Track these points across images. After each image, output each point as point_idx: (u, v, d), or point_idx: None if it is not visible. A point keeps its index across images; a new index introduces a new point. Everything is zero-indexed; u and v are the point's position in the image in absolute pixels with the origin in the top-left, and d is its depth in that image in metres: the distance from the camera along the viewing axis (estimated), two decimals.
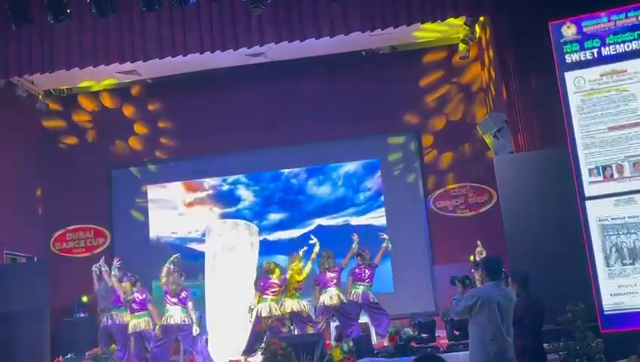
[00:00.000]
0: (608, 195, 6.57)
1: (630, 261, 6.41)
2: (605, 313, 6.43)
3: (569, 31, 6.85)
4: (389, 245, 9.59)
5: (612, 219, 6.52)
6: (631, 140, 6.56)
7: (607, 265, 6.46)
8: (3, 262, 10.05)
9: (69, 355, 8.26)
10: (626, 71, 6.66)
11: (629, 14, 6.70)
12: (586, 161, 6.68)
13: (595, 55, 6.76)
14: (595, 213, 6.57)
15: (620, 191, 6.54)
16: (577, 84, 6.79)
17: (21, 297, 9.16)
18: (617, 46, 6.71)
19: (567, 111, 6.80)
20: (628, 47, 6.67)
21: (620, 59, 6.68)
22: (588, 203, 6.62)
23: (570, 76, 6.83)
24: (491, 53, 10.44)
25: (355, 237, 9.53)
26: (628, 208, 6.49)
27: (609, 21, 6.75)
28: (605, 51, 6.73)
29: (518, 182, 8.03)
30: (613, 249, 6.46)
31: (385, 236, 9.66)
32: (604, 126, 6.66)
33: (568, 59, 6.83)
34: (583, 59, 6.79)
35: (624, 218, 6.48)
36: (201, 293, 10.85)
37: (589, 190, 6.65)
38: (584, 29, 6.80)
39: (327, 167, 12.19)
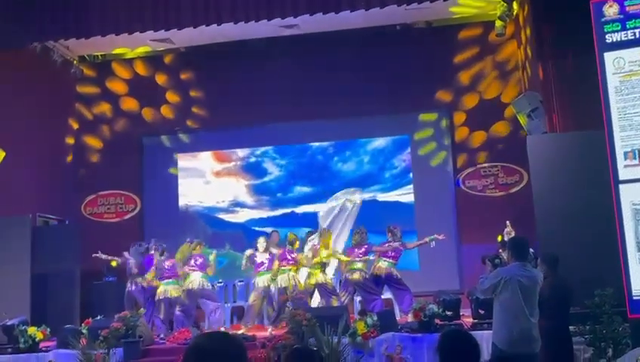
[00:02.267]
0: None
1: None
2: (634, 298, 6.34)
3: (611, 10, 6.66)
4: (432, 244, 9.42)
5: None
6: None
7: (639, 250, 6.36)
8: (36, 225, 10.24)
9: (99, 317, 8.44)
10: None
11: None
12: (621, 143, 6.53)
13: (637, 35, 6.56)
14: (629, 197, 6.45)
15: None
16: (617, 65, 6.63)
17: (54, 259, 9.41)
18: None
19: (605, 92, 6.64)
20: None
21: None
22: (622, 186, 6.49)
23: (609, 56, 6.66)
24: (528, 31, 10.24)
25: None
26: None
27: None
28: None
29: (550, 164, 7.92)
30: None
31: (440, 237, 9.40)
32: None
33: (609, 39, 6.66)
34: (624, 39, 6.60)
35: None
36: (228, 262, 10.99)
37: (623, 173, 6.51)
38: (627, 8, 6.61)
39: (356, 142, 12.15)
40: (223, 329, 8.71)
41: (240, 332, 8.54)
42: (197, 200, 12.38)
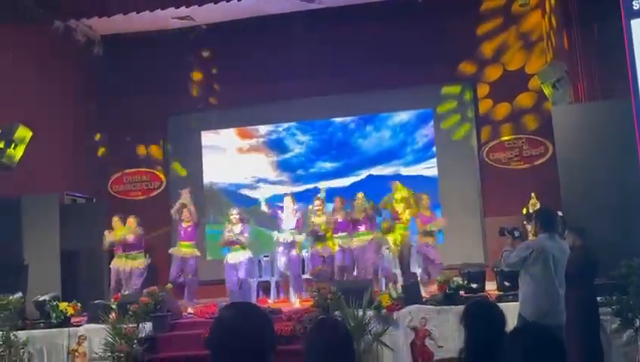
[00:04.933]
0: None
1: None
2: None
3: None
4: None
5: None
6: None
7: None
8: (64, 203, 10.40)
9: (127, 292, 8.58)
10: None
11: None
12: None
13: None
14: None
15: None
16: None
17: (82, 237, 9.56)
18: None
19: (632, 60, 6.54)
20: None
21: None
22: None
23: (636, 24, 6.54)
24: (553, 0, 10.06)
25: None
26: None
27: None
28: None
29: (576, 134, 7.84)
30: None
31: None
32: None
33: (636, 5, 6.53)
34: None
35: None
36: (252, 239, 11.05)
37: None
38: None
39: (379, 117, 12.10)
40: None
41: (266, 306, 8.64)
42: (221, 176, 12.46)
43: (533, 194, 9.06)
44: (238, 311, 2.19)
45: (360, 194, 9.30)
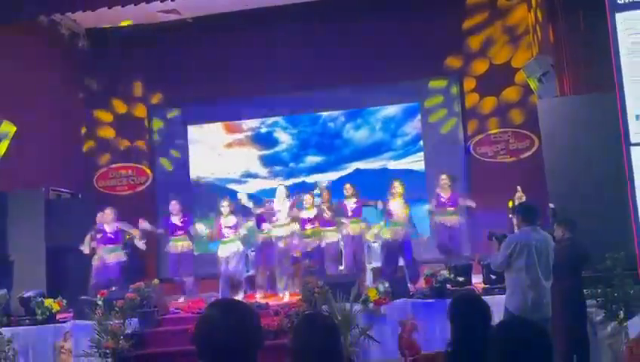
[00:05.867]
0: None
1: None
2: None
3: None
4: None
5: None
6: None
7: None
8: (49, 199, 10.31)
9: (114, 288, 8.53)
10: None
11: None
12: (634, 106, 6.48)
13: None
14: None
15: None
16: (629, 26, 6.53)
17: (67, 233, 9.47)
18: None
19: (617, 54, 6.56)
20: None
21: None
22: (633, 149, 6.45)
23: (621, 17, 6.56)
24: None
25: None
26: None
27: None
28: None
29: (561, 127, 7.88)
30: None
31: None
32: None
33: None
34: None
35: None
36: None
37: (635, 136, 6.47)
38: None
39: (366, 111, 12.10)
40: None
41: (254, 300, 8.64)
42: (208, 171, 12.42)
43: (519, 188, 9.10)
44: (223, 307, 2.19)
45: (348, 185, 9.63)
